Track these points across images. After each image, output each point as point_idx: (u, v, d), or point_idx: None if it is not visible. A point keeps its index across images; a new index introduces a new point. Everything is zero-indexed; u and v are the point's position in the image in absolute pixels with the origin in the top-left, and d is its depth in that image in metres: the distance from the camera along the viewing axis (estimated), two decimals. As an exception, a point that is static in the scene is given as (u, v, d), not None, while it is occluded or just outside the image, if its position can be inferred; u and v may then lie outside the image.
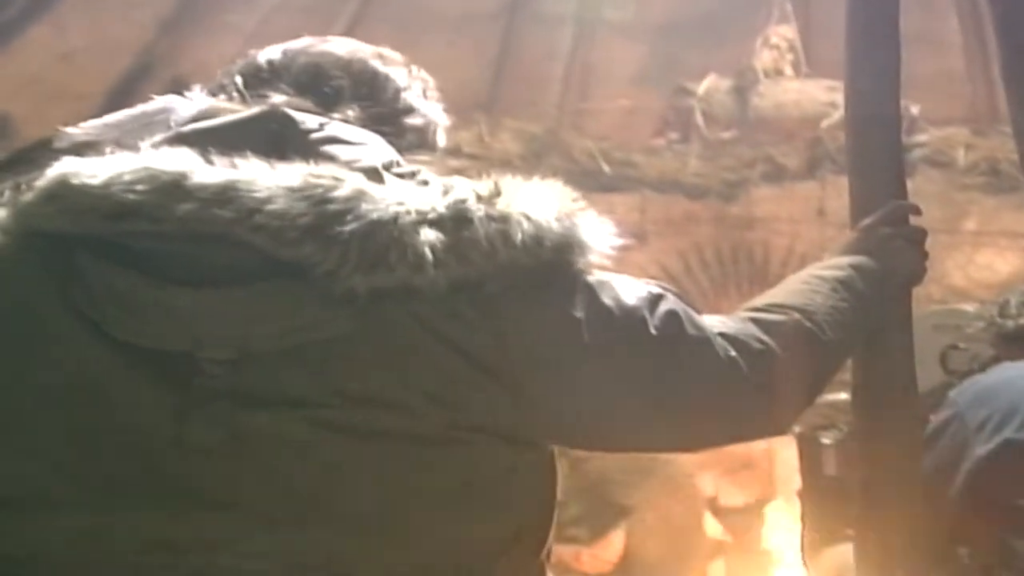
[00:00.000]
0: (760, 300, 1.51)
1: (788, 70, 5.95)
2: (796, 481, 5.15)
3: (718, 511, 5.39)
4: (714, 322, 1.34)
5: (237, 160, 1.17)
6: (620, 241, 1.27)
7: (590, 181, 5.91)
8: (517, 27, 5.90)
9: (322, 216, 1.13)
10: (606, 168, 6.01)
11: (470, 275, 1.16)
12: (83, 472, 1.15)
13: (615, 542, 5.33)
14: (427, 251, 1.13)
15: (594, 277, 1.25)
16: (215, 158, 1.17)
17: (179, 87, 1.36)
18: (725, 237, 6.02)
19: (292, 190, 1.14)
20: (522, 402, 1.20)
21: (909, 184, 1.88)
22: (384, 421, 1.17)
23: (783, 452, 5.39)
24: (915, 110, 5.41)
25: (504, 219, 1.18)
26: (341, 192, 1.15)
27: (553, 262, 1.20)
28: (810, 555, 2.33)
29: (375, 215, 1.14)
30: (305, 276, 1.12)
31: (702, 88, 6.03)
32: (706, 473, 5.51)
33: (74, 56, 4.96)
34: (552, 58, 6.10)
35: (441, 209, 1.17)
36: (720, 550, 5.24)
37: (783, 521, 5.24)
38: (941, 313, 2.75)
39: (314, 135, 1.24)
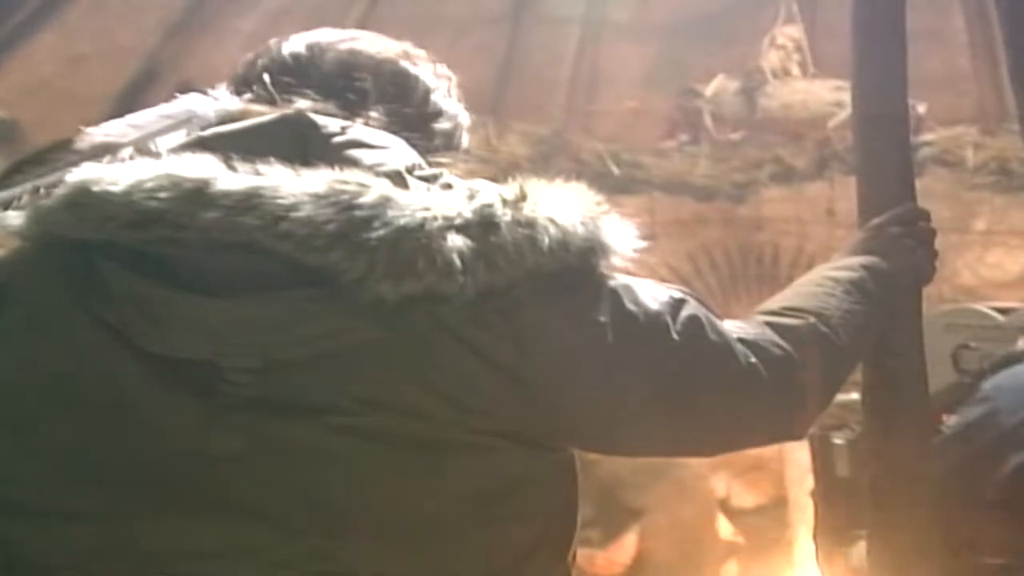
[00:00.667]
0: (774, 303, 1.51)
1: (795, 70, 5.94)
2: (808, 482, 5.14)
3: (730, 513, 5.38)
4: (732, 327, 1.34)
5: (261, 166, 1.16)
6: (642, 243, 1.27)
7: (598, 183, 5.84)
8: (523, 29, 5.90)
9: (349, 223, 1.13)
10: (615, 170, 6.00)
11: (497, 281, 1.15)
12: (107, 480, 1.15)
13: (628, 544, 5.33)
14: (455, 257, 1.13)
15: (617, 281, 1.25)
16: (238, 164, 1.16)
17: (186, 92, 1.35)
18: (734, 238, 6.01)
19: (318, 196, 1.13)
20: (546, 407, 1.20)
21: (918, 183, 1.88)
22: (410, 428, 1.16)
23: (795, 453, 5.38)
24: (921, 109, 5.40)
25: (531, 224, 1.17)
26: (367, 198, 1.14)
27: (577, 266, 1.20)
28: (824, 556, 2.32)
29: (402, 221, 1.13)
30: (331, 284, 1.12)
31: (710, 89, 6.02)
32: (718, 475, 5.50)
33: (82, 61, 4.97)
34: (559, 60, 6.09)
35: (467, 214, 1.16)
36: (733, 551, 5.23)
37: (796, 522, 5.23)
38: (953, 312, 2.74)
39: (336, 139, 1.24)
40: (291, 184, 1.14)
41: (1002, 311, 2.57)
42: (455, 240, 1.14)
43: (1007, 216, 5.54)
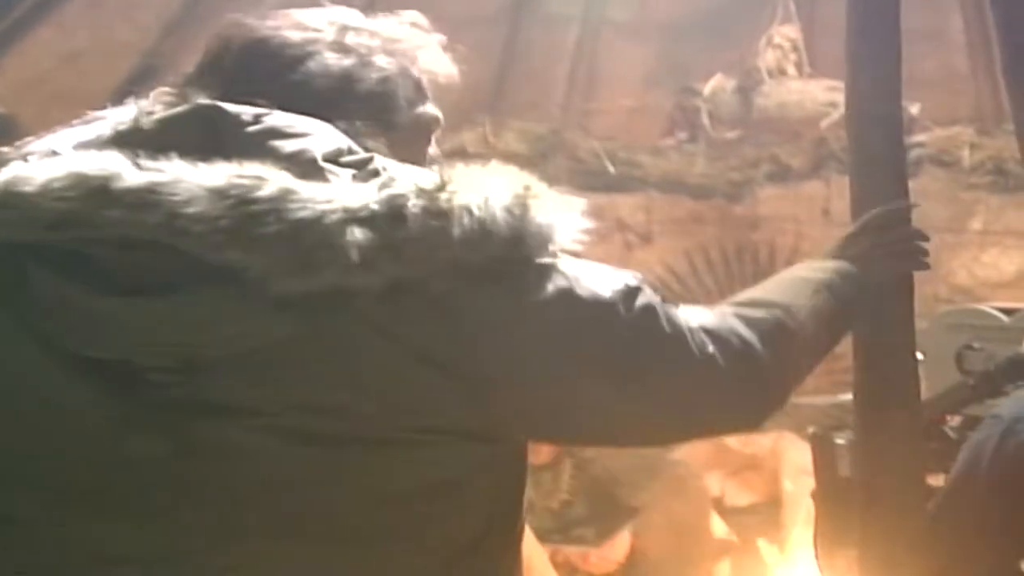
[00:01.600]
0: (744, 295, 1.51)
1: (791, 70, 5.94)
2: (803, 482, 5.16)
3: (724, 511, 5.38)
4: (695, 315, 1.33)
5: (163, 162, 1.12)
6: (586, 226, 1.22)
7: (595, 181, 5.91)
8: (521, 28, 5.90)
9: (243, 218, 1.09)
10: (611, 168, 6.01)
11: (410, 274, 1.11)
12: (35, 486, 1.15)
13: (622, 542, 5.33)
14: (354, 251, 1.09)
15: (564, 268, 1.21)
16: (143, 160, 1.12)
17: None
18: (730, 237, 6.01)
19: (214, 191, 1.09)
20: (484, 400, 1.17)
21: (914, 184, 1.89)
22: (336, 427, 1.13)
23: (789, 452, 5.39)
24: (914, 110, 5.40)
25: (444, 215, 1.13)
26: (264, 192, 1.10)
27: (506, 256, 1.16)
28: (824, 557, 2.32)
29: (299, 215, 1.09)
30: (237, 281, 1.08)
31: (708, 88, 6.02)
32: (712, 473, 5.50)
33: (79, 58, 4.96)
34: (557, 59, 6.09)
35: (374, 206, 1.11)
36: (726, 550, 5.23)
37: (790, 522, 5.23)
38: (956, 313, 2.74)
39: (250, 128, 1.18)
40: (190, 179, 1.10)
41: (1006, 311, 2.58)
42: (355, 233, 1.09)
43: (1003, 216, 5.55)
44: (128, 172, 1.11)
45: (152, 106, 1.27)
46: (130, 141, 1.17)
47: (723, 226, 6.00)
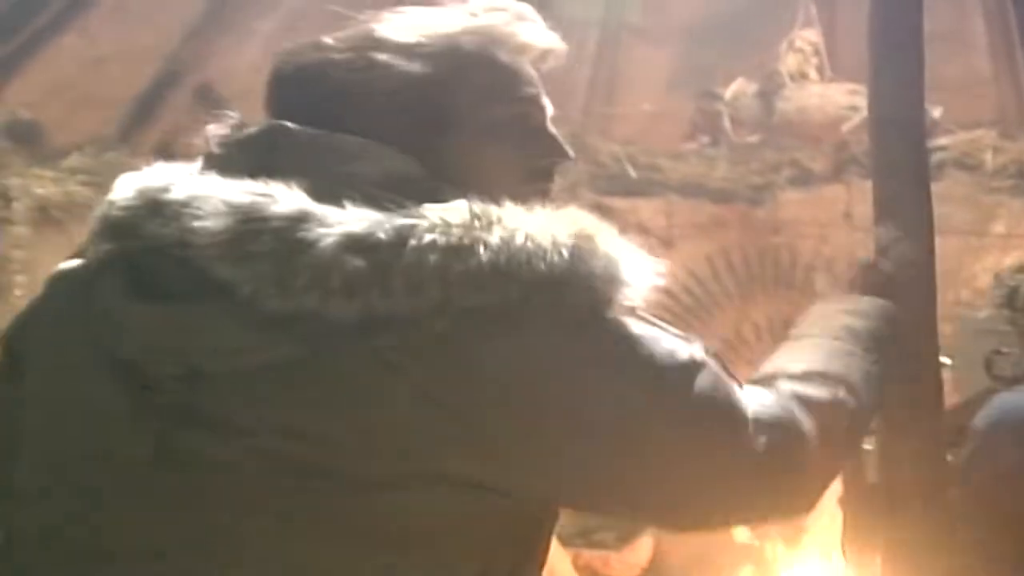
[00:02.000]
0: (795, 359, 1.41)
1: (812, 73, 5.94)
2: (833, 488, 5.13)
3: (746, 516, 5.37)
4: (752, 399, 1.23)
5: (203, 177, 1.16)
6: (657, 280, 1.15)
7: (616, 185, 5.92)
8: (542, 32, 5.90)
9: (242, 234, 1.08)
10: (632, 172, 6.01)
11: (404, 308, 1.06)
12: (58, 469, 1.19)
13: (643, 547, 5.32)
14: (336, 277, 1.05)
15: (621, 325, 1.13)
16: (196, 175, 1.17)
17: (205, 92, 1.36)
18: (752, 241, 6.00)
19: (229, 206, 1.10)
20: (489, 450, 1.10)
21: (936, 187, 1.88)
22: (317, 457, 1.09)
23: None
24: (936, 113, 5.39)
25: (450, 250, 1.06)
26: (272, 210, 1.08)
27: (538, 301, 1.07)
28: (853, 563, 2.32)
29: (297, 235, 1.07)
30: (236, 297, 1.07)
31: (729, 92, 6.02)
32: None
33: (103, 63, 5.00)
34: (578, 63, 6.09)
35: (380, 235, 1.06)
36: (748, 555, 5.22)
37: (811, 526, 5.22)
38: (985, 319, 2.73)
39: (303, 147, 1.19)
40: (219, 194, 1.11)
41: None
42: (347, 260, 1.05)
43: (1026, 219, 5.53)
44: (179, 185, 1.15)
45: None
46: (210, 162, 1.21)
47: (744, 230, 6.00)
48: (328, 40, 1.32)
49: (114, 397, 1.14)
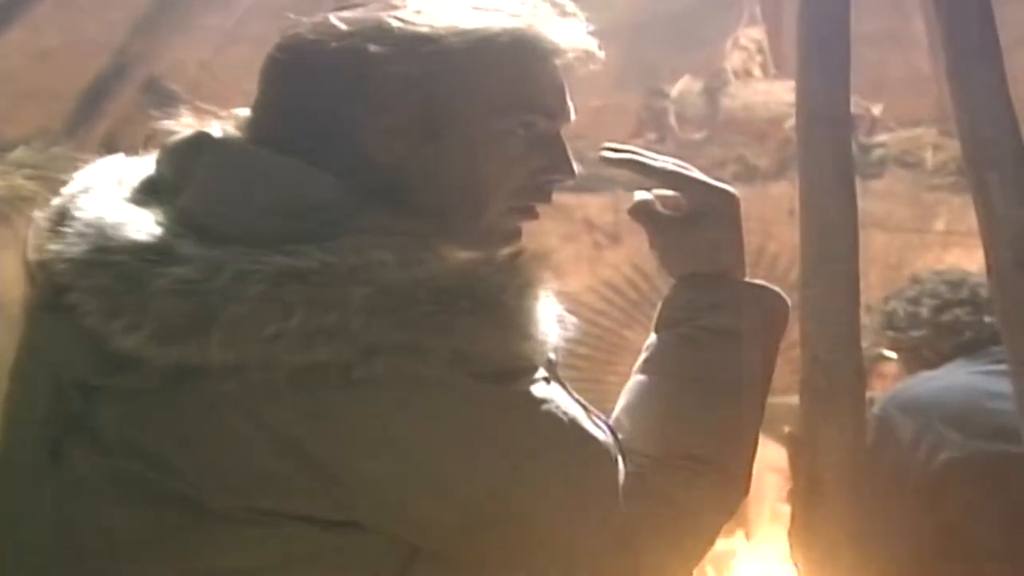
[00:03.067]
0: (678, 430, 1.30)
1: (757, 71, 6.00)
2: (767, 479, 5.18)
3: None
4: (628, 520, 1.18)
5: (104, 189, 1.20)
6: (561, 339, 1.13)
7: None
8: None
9: (87, 264, 1.08)
10: (579, 168, 6.03)
11: (220, 361, 1.03)
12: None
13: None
14: (155, 323, 1.04)
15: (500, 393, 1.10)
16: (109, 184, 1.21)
17: (154, 86, 1.38)
18: (698, 237, 6.03)
19: (89, 229, 1.12)
20: (335, 490, 1.09)
21: (877, 185, 1.94)
22: (176, 488, 1.08)
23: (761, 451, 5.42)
24: (876, 111, 5.46)
25: (284, 305, 1.03)
26: (128, 239, 1.08)
27: (394, 359, 1.04)
28: (800, 555, 2.36)
29: (134, 272, 1.05)
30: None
31: (675, 89, 6.06)
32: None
33: (49, 55, 4.96)
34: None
35: (220, 281, 1.04)
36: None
37: (755, 517, 5.27)
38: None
39: (221, 164, 1.19)
40: (92, 214, 1.12)
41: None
42: (177, 305, 1.03)
43: (966, 217, 5.54)
44: (82, 198, 1.18)
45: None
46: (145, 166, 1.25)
47: (691, 226, 6.03)
48: (334, 20, 1.23)
49: (36, 401, 1.16)
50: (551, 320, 1.16)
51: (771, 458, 5.60)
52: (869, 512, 1.78)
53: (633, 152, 1.38)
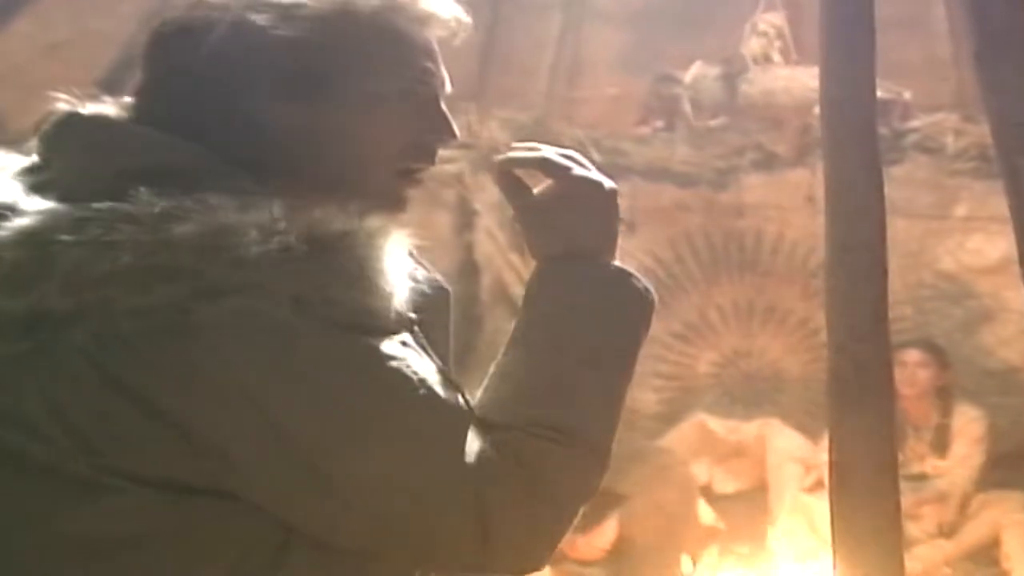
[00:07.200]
0: (537, 401, 1.24)
1: (777, 57, 5.95)
2: (788, 469, 5.14)
3: (711, 498, 5.40)
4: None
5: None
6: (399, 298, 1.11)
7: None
8: (503, 16, 5.89)
9: None
10: (596, 156, 6.00)
11: (64, 307, 1.03)
12: None
13: (608, 529, 5.32)
14: (2, 269, 1.05)
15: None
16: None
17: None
18: (716, 225, 6.01)
19: None
20: (186, 446, 1.07)
21: (899, 171, 1.90)
22: (33, 452, 1.08)
23: (775, 441, 5.41)
24: (908, 95, 5.41)
25: (102, 246, 1.04)
26: None
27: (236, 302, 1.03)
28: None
29: None
30: None
31: (689, 75, 6.02)
32: (699, 461, 5.51)
33: (59, 49, 4.95)
34: (539, 47, 6.09)
35: (58, 232, 1.05)
36: (713, 537, 5.24)
37: (775, 508, 5.25)
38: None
39: (84, 137, 1.24)
40: None
41: None
42: (19, 254, 1.05)
43: (987, 202, 5.54)
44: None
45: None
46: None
47: (708, 214, 6.00)
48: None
49: None
50: (401, 276, 1.13)
51: (791, 448, 5.59)
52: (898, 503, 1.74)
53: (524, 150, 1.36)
